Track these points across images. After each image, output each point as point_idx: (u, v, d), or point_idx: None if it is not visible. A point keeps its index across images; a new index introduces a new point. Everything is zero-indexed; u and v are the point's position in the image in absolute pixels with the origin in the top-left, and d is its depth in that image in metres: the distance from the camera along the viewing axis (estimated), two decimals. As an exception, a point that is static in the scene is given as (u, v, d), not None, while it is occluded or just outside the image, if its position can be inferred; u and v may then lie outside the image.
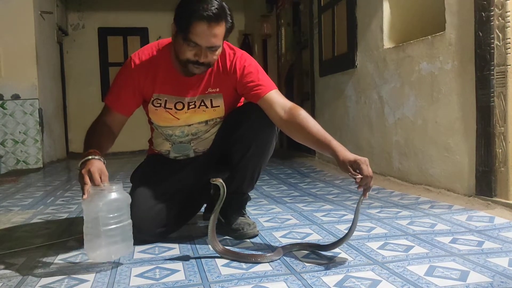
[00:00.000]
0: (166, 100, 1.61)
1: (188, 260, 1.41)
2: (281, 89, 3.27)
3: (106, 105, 1.62)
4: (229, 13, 1.47)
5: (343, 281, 1.18)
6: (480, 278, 1.17)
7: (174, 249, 1.53)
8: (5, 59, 4.31)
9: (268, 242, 1.59)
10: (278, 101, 1.54)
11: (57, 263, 1.43)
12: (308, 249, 1.47)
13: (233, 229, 1.66)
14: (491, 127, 1.99)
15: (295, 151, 4.71)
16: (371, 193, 2.41)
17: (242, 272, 1.28)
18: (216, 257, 1.41)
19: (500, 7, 1.94)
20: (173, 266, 1.35)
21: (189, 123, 1.67)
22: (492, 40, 1.97)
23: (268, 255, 1.37)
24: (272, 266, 1.32)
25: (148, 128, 1.81)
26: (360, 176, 1.28)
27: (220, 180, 1.37)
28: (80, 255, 1.49)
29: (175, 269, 1.32)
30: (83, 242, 1.35)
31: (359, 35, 3.22)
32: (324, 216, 1.96)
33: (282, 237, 1.65)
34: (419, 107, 2.55)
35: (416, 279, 1.18)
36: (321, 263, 1.34)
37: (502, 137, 1.97)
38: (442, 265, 1.28)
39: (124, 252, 1.39)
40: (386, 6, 2.88)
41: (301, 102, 4.59)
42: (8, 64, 4.32)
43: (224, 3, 1.46)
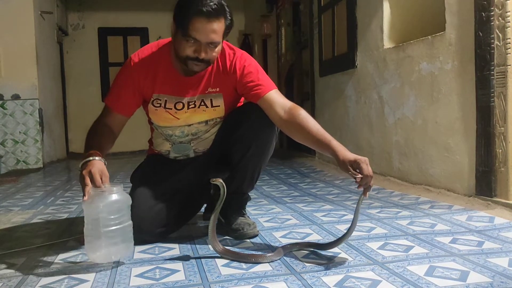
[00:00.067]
0: (166, 100, 1.61)
1: (188, 260, 1.41)
2: (281, 89, 3.27)
3: (106, 106, 1.62)
4: (228, 11, 1.48)
5: (343, 281, 1.18)
6: (480, 278, 1.17)
7: (174, 249, 1.53)
8: (5, 59, 4.31)
9: (268, 242, 1.59)
10: (278, 101, 1.54)
11: (57, 263, 1.43)
12: (308, 249, 1.47)
13: (233, 229, 1.66)
14: (491, 127, 1.99)
15: (295, 151, 4.71)
16: (371, 193, 2.41)
17: (242, 272, 1.28)
18: (216, 257, 1.41)
19: (500, 7, 1.94)
20: (173, 266, 1.35)
21: (189, 123, 1.67)
22: (492, 40, 1.97)
23: (268, 255, 1.37)
24: (272, 266, 1.32)
25: (148, 128, 1.81)
26: (360, 176, 1.28)
27: (220, 180, 1.37)
28: (80, 255, 1.49)
29: (175, 269, 1.32)
30: (84, 243, 1.35)
31: (359, 35, 3.22)
32: (324, 216, 1.96)
33: (282, 237, 1.65)
34: (419, 107, 2.55)
35: (416, 279, 1.18)
36: (321, 263, 1.34)
37: (502, 137, 1.97)
38: (442, 265, 1.28)
39: (125, 253, 1.39)
40: (386, 6, 2.88)
41: (301, 102, 4.58)
42: (8, 64, 4.32)
43: (223, 1, 1.47)
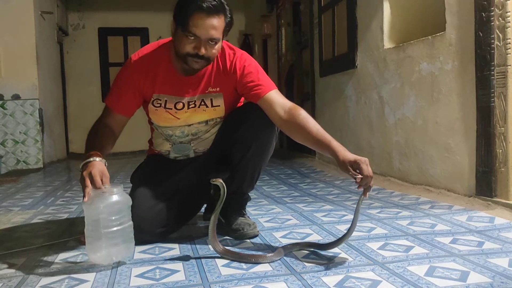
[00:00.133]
0: (166, 100, 1.61)
1: (188, 260, 1.41)
2: (282, 89, 3.27)
3: (107, 106, 1.62)
4: (228, 9, 1.49)
5: (343, 282, 1.18)
6: (480, 279, 1.17)
7: (174, 249, 1.53)
8: (6, 59, 4.31)
9: (268, 243, 1.59)
10: (278, 101, 1.54)
11: (58, 263, 1.43)
12: (308, 249, 1.47)
13: (233, 229, 1.66)
14: (491, 128, 1.99)
15: (295, 152, 4.71)
16: (371, 194, 2.41)
17: (242, 273, 1.28)
18: (217, 257, 1.41)
19: (500, 8, 1.94)
20: (173, 267, 1.35)
21: (189, 123, 1.67)
22: (493, 41, 1.97)
23: (269, 256, 1.37)
24: (272, 267, 1.32)
25: (148, 129, 1.81)
26: (360, 176, 1.28)
27: (220, 181, 1.37)
28: (80, 255, 1.49)
29: (175, 269, 1.32)
30: (84, 243, 1.35)
31: (359, 35, 3.22)
32: (324, 217, 1.96)
33: (282, 238, 1.65)
34: (419, 107, 2.55)
35: (416, 280, 1.18)
36: (321, 264, 1.34)
37: (503, 138, 1.97)
38: (442, 266, 1.28)
39: (125, 254, 1.39)
40: (386, 6, 2.88)
41: (302, 102, 4.59)
42: (9, 64, 4.32)
43: (223, 0, 1.48)
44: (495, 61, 1.96)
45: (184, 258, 1.43)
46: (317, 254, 1.43)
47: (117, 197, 1.34)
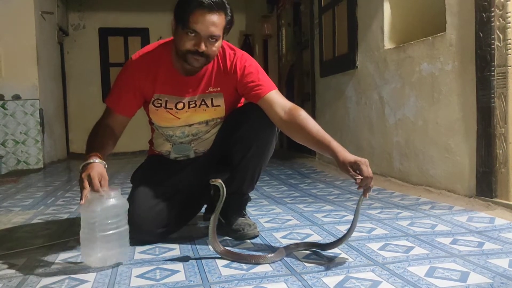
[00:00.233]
0: (167, 100, 1.61)
1: (189, 261, 1.41)
2: (282, 90, 3.28)
3: (108, 107, 1.62)
4: (229, 7, 1.50)
5: (344, 282, 1.18)
6: (481, 279, 1.17)
7: (175, 250, 1.53)
8: (6, 60, 4.31)
9: (269, 243, 1.59)
10: (278, 102, 1.54)
11: (58, 264, 1.43)
12: (308, 249, 1.47)
13: (234, 230, 1.66)
14: (492, 128, 1.99)
15: (296, 152, 4.71)
16: (372, 194, 2.41)
17: (243, 273, 1.28)
18: (217, 258, 1.41)
19: (501, 8, 1.94)
20: (174, 267, 1.35)
21: (190, 123, 1.67)
22: (493, 41, 1.97)
23: (269, 256, 1.37)
24: (273, 267, 1.32)
25: (149, 129, 1.81)
26: (360, 177, 1.28)
27: (220, 181, 1.37)
28: (81, 256, 1.49)
29: (176, 270, 1.33)
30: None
31: (360, 36, 3.22)
32: (325, 217, 1.96)
33: (283, 238, 1.65)
34: (420, 108, 2.55)
35: (417, 280, 1.18)
36: (322, 264, 1.34)
37: (503, 138, 1.97)
38: (443, 266, 1.28)
39: (120, 258, 1.38)
40: (387, 7, 2.88)
41: (302, 103, 4.59)
42: (9, 65, 4.32)
43: None
44: (496, 62, 1.96)
45: (185, 259, 1.43)
46: (318, 255, 1.43)
47: (115, 201, 1.34)
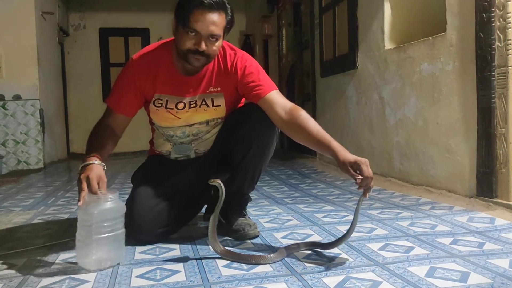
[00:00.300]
0: (167, 100, 1.62)
1: (189, 261, 1.40)
2: (282, 90, 3.28)
3: (108, 107, 1.62)
4: (229, 7, 1.50)
5: (344, 282, 1.18)
6: (481, 280, 1.17)
7: (175, 250, 1.53)
8: (6, 60, 4.31)
9: (269, 243, 1.59)
10: (279, 102, 1.54)
11: (58, 264, 1.43)
12: (308, 249, 1.47)
13: (234, 230, 1.66)
14: (492, 128, 1.99)
15: (296, 152, 4.71)
16: (372, 194, 2.41)
17: (243, 273, 1.28)
18: (217, 258, 1.41)
19: (501, 8, 1.94)
20: (174, 267, 1.35)
21: (190, 123, 1.67)
22: (493, 41, 1.97)
23: (269, 256, 1.37)
24: (273, 267, 1.32)
25: (149, 129, 1.81)
26: (361, 177, 1.28)
27: (218, 181, 1.37)
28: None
29: (176, 270, 1.33)
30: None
31: (360, 36, 3.22)
32: (325, 217, 1.96)
33: (283, 238, 1.65)
34: (420, 108, 2.55)
35: (417, 280, 1.18)
36: (322, 264, 1.34)
37: (503, 138, 1.96)
38: (443, 266, 1.28)
39: (116, 261, 1.38)
40: (387, 7, 2.88)
41: (302, 103, 4.58)
42: (9, 65, 4.32)
43: None
44: (496, 62, 1.96)
45: (185, 259, 1.43)
46: (318, 255, 1.43)
47: (112, 204, 1.33)
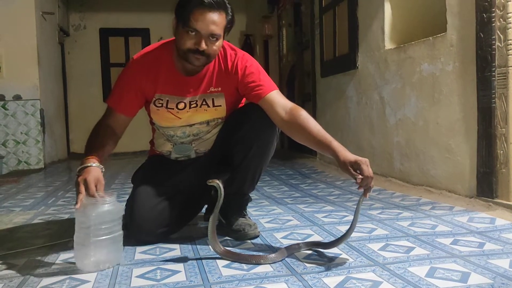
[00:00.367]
0: (168, 100, 1.62)
1: (189, 261, 1.40)
2: (283, 90, 3.27)
3: (109, 107, 1.62)
4: (230, 7, 1.51)
5: (344, 282, 1.18)
6: (481, 280, 1.17)
7: (175, 250, 1.53)
8: (7, 60, 4.32)
9: (269, 243, 1.59)
10: (279, 102, 1.54)
11: (58, 264, 1.43)
12: (309, 249, 1.47)
13: (234, 230, 1.66)
14: (492, 128, 1.99)
15: (296, 152, 4.71)
16: (372, 194, 2.41)
17: (243, 273, 1.28)
18: (217, 258, 1.41)
19: (502, 8, 1.94)
20: (174, 267, 1.35)
21: (191, 123, 1.67)
22: (493, 42, 1.96)
23: (269, 256, 1.37)
24: (273, 267, 1.32)
25: (150, 129, 1.81)
26: (361, 177, 1.28)
27: (217, 181, 1.36)
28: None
29: (176, 270, 1.33)
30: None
31: (361, 36, 3.22)
32: (325, 217, 1.96)
33: (283, 238, 1.65)
34: (420, 108, 2.55)
35: (417, 281, 1.18)
36: (322, 264, 1.34)
37: (503, 138, 1.96)
38: (443, 267, 1.28)
39: (114, 263, 1.38)
40: (387, 7, 2.88)
41: (303, 103, 4.58)
42: (10, 65, 4.32)
43: None
44: (496, 62, 1.96)
45: (185, 259, 1.43)
46: (318, 255, 1.43)
47: (109, 207, 1.33)
